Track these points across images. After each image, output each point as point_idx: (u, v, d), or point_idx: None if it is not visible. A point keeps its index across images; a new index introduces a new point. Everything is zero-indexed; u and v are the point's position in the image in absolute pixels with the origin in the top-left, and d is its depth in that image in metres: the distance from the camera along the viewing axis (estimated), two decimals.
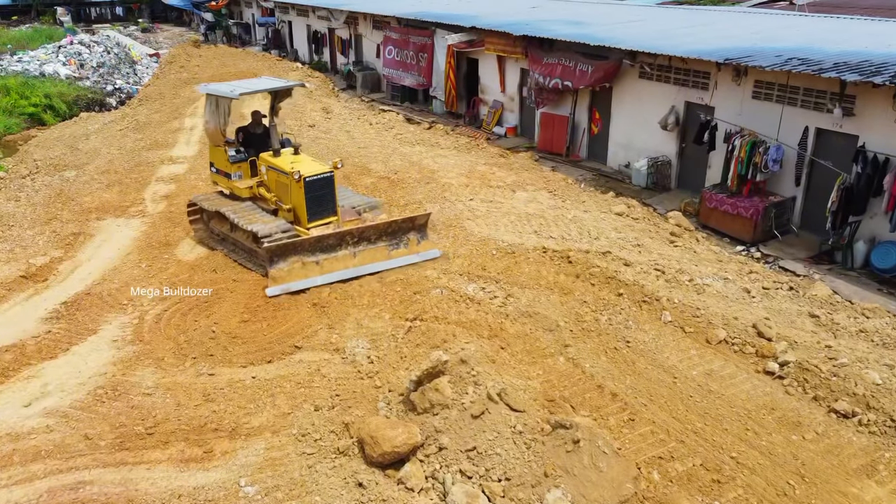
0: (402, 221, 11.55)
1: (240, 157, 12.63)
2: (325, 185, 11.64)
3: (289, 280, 10.83)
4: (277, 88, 12.97)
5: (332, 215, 11.85)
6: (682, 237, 13.25)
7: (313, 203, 11.54)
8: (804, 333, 9.57)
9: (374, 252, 11.43)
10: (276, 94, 13.16)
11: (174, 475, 7.11)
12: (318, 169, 11.67)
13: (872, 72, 11.51)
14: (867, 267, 11.99)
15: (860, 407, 7.75)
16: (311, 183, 11.42)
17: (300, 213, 11.60)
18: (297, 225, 11.66)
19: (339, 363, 9.08)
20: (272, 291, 10.74)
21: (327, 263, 11.06)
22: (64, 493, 6.76)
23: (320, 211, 11.68)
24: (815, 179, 13.14)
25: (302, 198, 11.42)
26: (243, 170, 12.61)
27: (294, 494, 6.71)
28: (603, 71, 16.75)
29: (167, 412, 8.04)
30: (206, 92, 12.70)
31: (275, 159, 12.00)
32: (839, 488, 6.73)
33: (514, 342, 9.16)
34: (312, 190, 11.45)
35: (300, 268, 10.93)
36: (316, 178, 11.47)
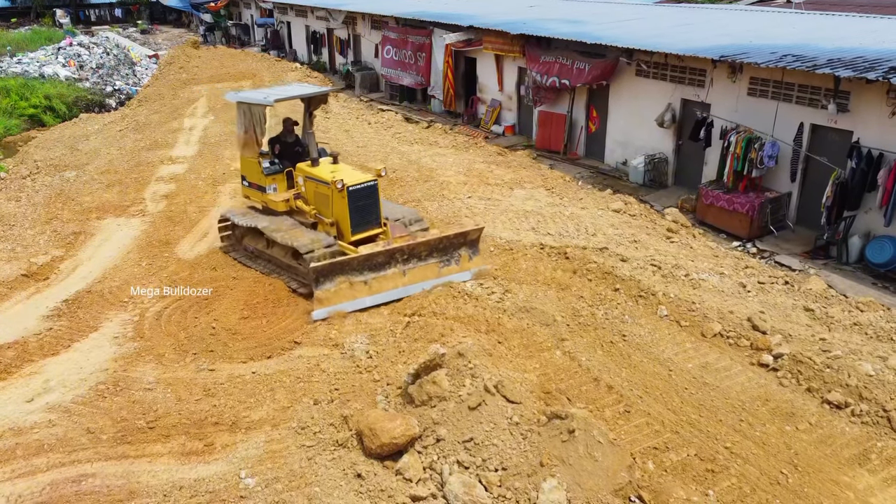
0: (454, 237, 10.84)
1: (275, 168, 12.01)
2: (368, 195, 11.04)
3: (336, 302, 10.04)
4: (312, 94, 12.30)
5: (376, 226, 11.26)
6: (678, 233, 13.34)
7: (357, 214, 10.94)
8: (799, 327, 9.67)
9: (424, 270, 10.67)
10: (310, 101, 12.44)
11: (175, 468, 7.20)
12: (361, 177, 11.09)
13: (866, 68, 11.59)
14: (862, 261, 12.06)
15: (853, 398, 7.84)
16: (355, 192, 10.83)
17: (343, 225, 10.99)
18: (340, 239, 11.04)
19: (339, 358, 9.16)
20: (319, 314, 9.96)
21: (376, 283, 10.30)
22: (66, 485, 6.85)
23: (364, 222, 11.10)
24: (810, 175, 13.23)
25: (345, 209, 10.83)
26: (278, 182, 12.01)
27: (294, 486, 6.80)
28: (600, 69, 16.84)
29: (168, 407, 8.14)
30: (236, 100, 12.04)
31: (313, 169, 11.43)
32: (831, 477, 6.82)
33: (511, 336, 9.25)
34: (356, 200, 10.86)
35: (348, 288, 10.16)
36: (359, 187, 10.89)
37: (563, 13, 21.83)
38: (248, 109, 11.77)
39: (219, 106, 24.92)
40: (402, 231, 11.25)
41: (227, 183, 16.98)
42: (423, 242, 10.62)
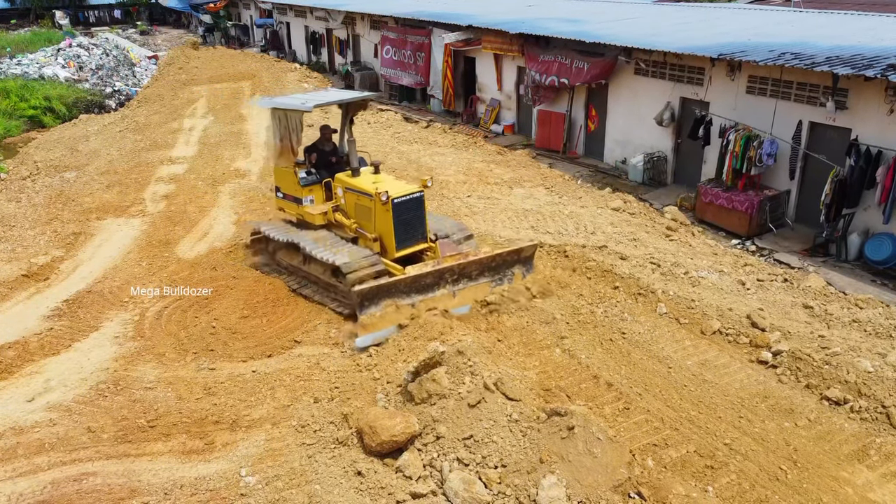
0: (507, 254, 10.12)
1: (312, 179, 11.27)
2: (414, 208, 10.29)
3: (381, 327, 9.21)
4: (352, 100, 11.52)
5: (421, 241, 10.54)
6: (677, 231, 13.36)
7: (402, 228, 10.20)
8: (798, 324, 9.69)
9: (475, 290, 9.95)
10: (349, 107, 11.68)
11: (176, 466, 7.21)
12: (406, 189, 10.31)
13: (864, 65, 11.62)
14: (861, 259, 12.10)
15: (852, 394, 7.86)
16: (400, 205, 10.06)
17: (387, 241, 10.25)
18: (383, 255, 10.28)
19: (339, 357, 9.19)
20: (363, 342, 9.09)
21: (424, 306, 9.51)
22: (67, 484, 6.87)
23: (409, 237, 10.36)
24: (809, 173, 13.25)
25: (389, 222, 10.08)
26: (315, 193, 11.29)
27: (294, 483, 6.82)
28: (599, 68, 16.86)
29: (168, 405, 8.15)
30: (271, 106, 11.24)
31: (354, 180, 10.68)
32: (831, 473, 6.84)
33: (510, 335, 9.27)
34: (401, 213, 10.10)
35: (394, 312, 9.35)
36: (404, 200, 10.13)
37: (562, 12, 21.86)
38: (284, 116, 10.97)
39: (218, 107, 24.97)
40: (452, 249, 10.23)
41: (227, 183, 17.00)
42: (475, 261, 9.81)
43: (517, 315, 9.75)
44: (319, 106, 10.92)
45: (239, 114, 23.95)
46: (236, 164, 18.62)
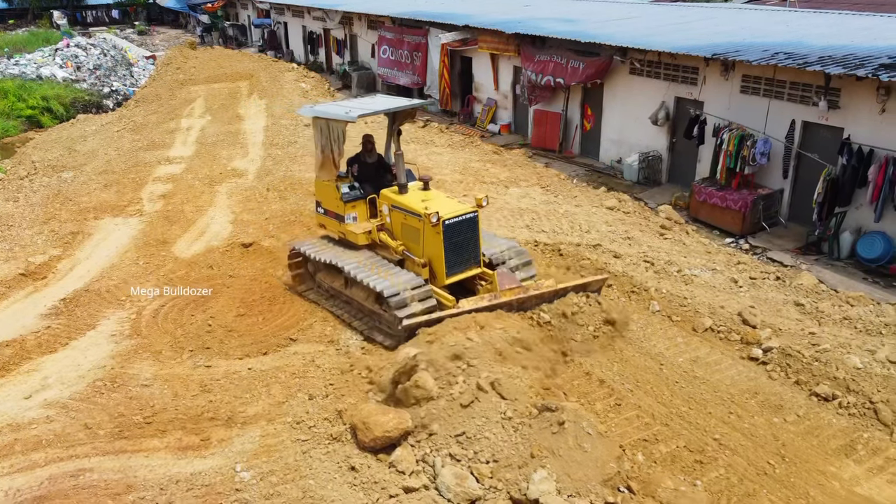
0: (573, 288, 9.25)
1: (355, 194, 10.36)
2: (467, 229, 9.38)
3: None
4: (398, 109, 10.54)
5: (474, 266, 9.61)
6: (672, 230, 13.45)
7: (453, 252, 9.29)
8: (789, 321, 9.78)
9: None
10: (396, 116, 10.81)
11: (172, 462, 7.29)
12: (459, 209, 9.37)
13: (856, 65, 11.71)
14: (853, 257, 12.18)
15: (840, 390, 7.95)
16: (451, 227, 9.17)
17: (437, 265, 9.34)
18: (432, 281, 9.42)
19: (334, 354, 9.27)
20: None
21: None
22: (64, 479, 6.94)
23: (461, 262, 9.46)
24: (802, 172, 13.34)
25: (440, 246, 9.16)
26: (359, 210, 10.38)
27: (288, 478, 6.90)
28: (594, 67, 16.95)
29: (165, 402, 8.23)
30: (312, 115, 10.43)
31: (401, 197, 9.77)
32: (818, 467, 6.92)
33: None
34: (452, 235, 9.20)
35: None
36: (457, 221, 9.23)
37: (558, 12, 21.93)
38: (326, 126, 10.08)
39: (216, 106, 25.03)
40: (512, 282, 9.24)
41: (224, 182, 17.07)
42: (536, 296, 8.95)
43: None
44: (364, 116, 10.01)
45: (236, 113, 24.02)
46: (234, 163, 18.68)
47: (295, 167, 17.84)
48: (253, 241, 13.07)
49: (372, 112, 10.29)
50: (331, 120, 10.02)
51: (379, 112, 10.48)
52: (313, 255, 10.39)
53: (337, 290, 10.30)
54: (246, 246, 12.89)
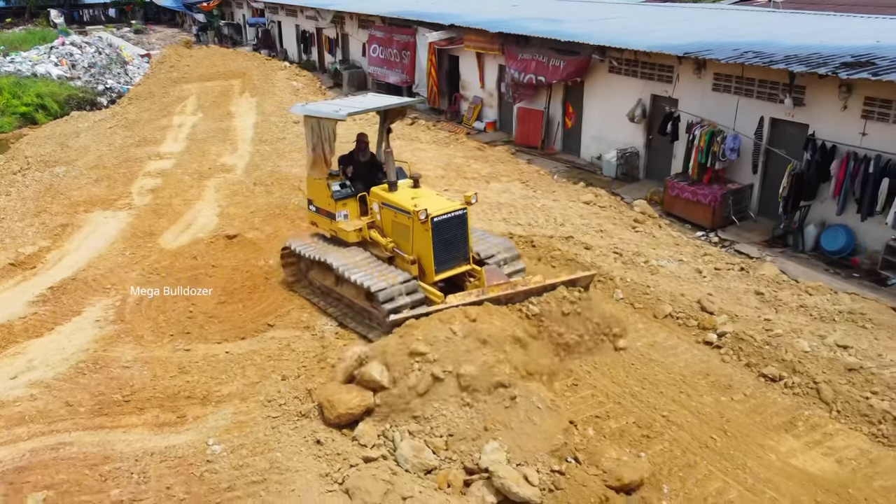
0: (561, 283, 9.19)
1: (346, 192, 10.49)
2: (456, 227, 9.44)
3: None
4: (388, 107, 10.72)
5: (463, 263, 9.68)
6: (644, 223, 13.83)
7: (442, 249, 9.36)
8: (748, 309, 10.17)
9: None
10: (387, 114, 10.97)
11: (148, 437, 7.68)
12: (448, 206, 9.47)
13: (819, 63, 12.11)
14: (818, 249, 12.57)
15: (787, 371, 8.36)
16: (440, 224, 9.23)
17: (426, 262, 9.44)
18: (421, 278, 9.50)
19: (309, 339, 9.66)
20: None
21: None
22: (45, 452, 7.33)
23: (450, 259, 9.52)
24: (771, 167, 13.72)
25: (428, 243, 9.26)
26: (350, 208, 10.52)
27: (258, 451, 7.29)
28: (574, 66, 17.34)
29: (144, 382, 8.63)
30: (304, 114, 10.54)
31: (391, 195, 9.87)
32: (758, 441, 7.33)
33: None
34: (441, 233, 9.27)
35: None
36: (446, 218, 9.30)
37: (543, 12, 22.32)
38: (317, 124, 10.19)
39: (208, 104, 25.42)
40: (500, 278, 9.39)
41: (213, 177, 17.45)
42: (523, 292, 8.94)
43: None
44: (354, 114, 10.19)
45: (228, 111, 24.42)
46: (223, 159, 19.06)
47: (282, 163, 18.22)
48: (237, 233, 13.44)
49: (362, 110, 10.49)
50: (321, 118, 10.12)
51: (369, 110, 10.70)
52: (305, 252, 10.47)
53: (329, 287, 10.36)
54: (230, 238, 13.27)
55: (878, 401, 7.71)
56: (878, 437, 7.37)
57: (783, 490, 6.66)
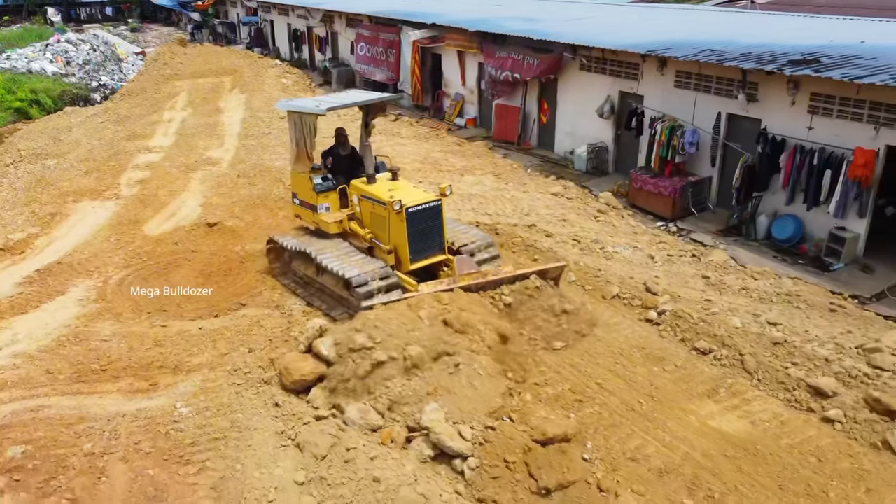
0: (530, 274, 9.57)
1: (327, 185, 10.81)
2: (431, 217, 9.81)
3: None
4: (369, 101, 11.14)
5: (438, 253, 10.03)
6: (607, 214, 14.48)
7: (417, 239, 9.70)
8: (693, 291, 10.81)
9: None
10: (368, 110, 11.33)
11: (122, 402, 8.31)
12: (423, 197, 9.87)
13: (769, 61, 12.76)
14: (769, 238, 13.22)
15: (717, 345, 8.99)
16: (415, 214, 9.60)
17: (401, 252, 9.79)
18: (398, 267, 9.85)
19: (278, 317, 10.29)
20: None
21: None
22: (25, 413, 7.96)
23: (425, 248, 9.86)
24: (728, 160, 14.36)
25: (403, 233, 9.60)
26: (331, 200, 10.84)
27: (221, 412, 7.93)
28: (547, 63, 17.99)
29: (121, 354, 9.26)
30: (287, 109, 11.11)
31: (369, 187, 10.25)
32: (681, 406, 7.97)
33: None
34: (416, 223, 9.62)
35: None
36: (420, 209, 9.66)
37: (523, 12, 22.95)
38: (300, 119, 10.67)
39: (198, 100, 26.02)
40: (470, 267, 9.69)
41: (199, 170, 18.04)
42: (493, 281, 9.29)
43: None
44: (333, 109, 10.55)
45: (217, 106, 25.04)
46: (209, 152, 19.67)
47: (266, 156, 18.83)
48: (218, 221, 14.05)
49: (341, 105, 10.94)
50: (303, 113, 10.59)
51: (348, 105, 11.14)
52: (287, 244, 10.87)
53: (310, 277, 10.68)
54: (211, 225, 13.88)
55: (796, 370, 8.35)
56: (792, 403, 8.01)
57: (696, 446, 7.31)
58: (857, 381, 8.12)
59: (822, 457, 7.19)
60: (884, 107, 11.40)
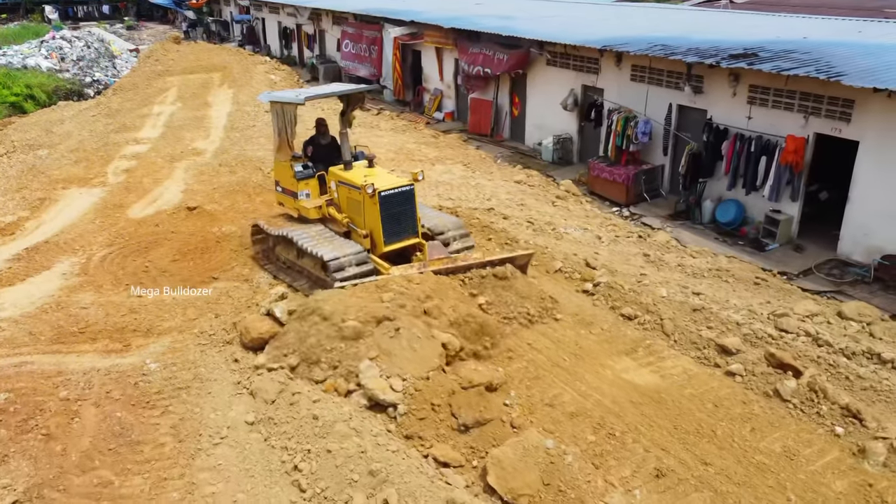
0: (499, 261, 10.07)
1: (307, 172, 11.23)
2: (404, 201, 10.23)
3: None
4: (347, 92, 11.56)
5: (412, 236, 10.47)
6: (565, 200, 15.36)
7: (390, 222, 10.14)
8: (631, 267, 11.68)
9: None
10: (348, 100, 11.65)
11: (98, 360, 9.15)
12: (395, 182, 10.31)
13: (711, 54, 13.63)
14: (714, 222, 14.09)
15: (641, 311, 9.84)
16: (387, 198, 10.01)
17: (376, 235, 10.23)
18: (373, 251, 10.30)
19: (246, 289, 11.11)
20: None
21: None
22: (9, 368, 8.81)
23: (398, 231, 10.29)
24: (679, 149, 15.21)
25: (377, 216, 10.04)
26: (311, 187, 11.28)
27: (185, 368, 8.78)
28: (515, 59, 18.86)
29: (98, 319, 10.11)
30: (269, 100, 11.53)
31: (346, 173, 10.70)
32: (600, 362, 8.82)
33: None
34: (389, 206, 10.04)
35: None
36: (393, 193, 10.07)
37: (499, 10, 23.82)
38: (281, 109, 11.19)
39: (187, 95, 26.86)
40: (441, 252, 10.23)
41: (183, 160, 18.88)
42: (462, 266, 9.84)
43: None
44: (311, 98, 11.10)
45: (205, 101, 25.89)
46: (195, 144, 20.51)
47: (248, 147, 19.68)
48: (198, 205, 14.91)
49: (319, 95, 11.69)
50: (284, 104, 11.12)
51: (326, 95, 11.92)
52: (269, 229, 11.40)
53: (291, 261, 11.14)
54: (191, 209, 14.72)
55: (708, 332, 9.21)
56: (701, 360, 8.87)
57: (607, 394, 8.16)
58: (762, 342, 8.99)
59: (718, 403, 8.05)
60: (812, 97, 12.27)
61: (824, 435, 7.56)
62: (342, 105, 11.88)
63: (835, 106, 11.96)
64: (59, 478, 6.94)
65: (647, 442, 7.41)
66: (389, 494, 6.28)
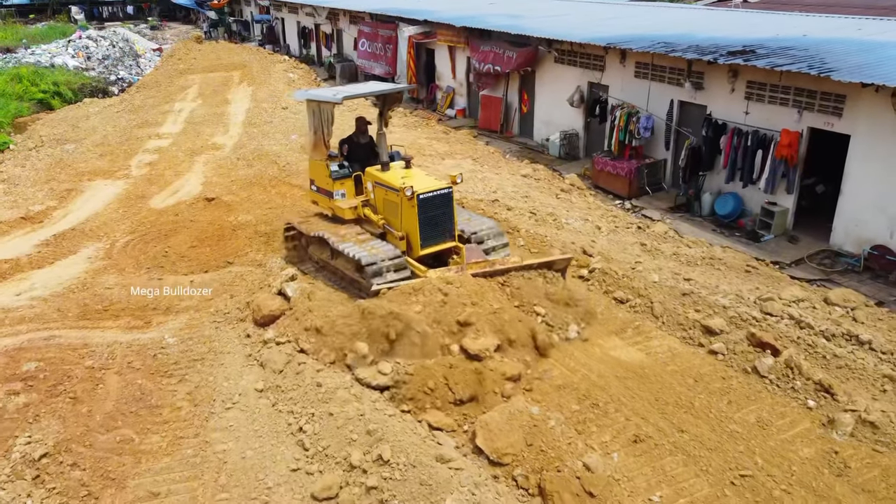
0: (537, 266, 9.92)
1: (343, 172, 11.13)
2: (442, 204, 10.07)
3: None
4: (385, 92, 11.45)
5: (448, 240, 10.32)
6: (570, 193, 15.83)
7: (427, 225, 9.99)
8: (627, 255, 12.13)
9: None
10: (385, 100, 11.59)
11: (120, 335, 9.84)
12: (434, 184, 10.11)
13: (711, 51, 14.04)
14: (713, 214, 14.49)
15: (633, 295, 10.33)
16: (426, 201, 9.86)
17: (412, 238, 10.09)
18: (409, 253, 10.18)
19: (259, 273, 11.76)
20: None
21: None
22: (39, 340, 9.51)
23: (435, 235, 10.14)
24: (681, 144, 15.59)
25: (414, 219, 9.89)
26: (347, 187, 11.18)
27: (201, 342, 9.43)
28: (523, 57, 19.35)
29: (121, 298, 10.80)
30: (305, 98, 11.41)
31: (382, 174, 10.55)
32: (591, 341, 9.31)
33: None
34: (427, 209, 9.90)
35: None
36: (431, 196, 9.93)
37: (511, 9, 24.31)
38: (318, 108, 11.04)
39: (208, 92, 27.70)
40: (478, 256, 10.01)
41: (203, 154, 19.64)
42: (500, 270, 9.72)
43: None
44: (349, 98, 11.01)
45: (225, 98, 26.69)
46: (214, 139, 21.27)
47: (266, 142, 20.38)
48: (216, 196, 15.61)
49: (357, 94, 11.66)
50: (321, 102, 10.96)
51: (363, 94, 11.86)
52: (303, 229, 11.33)
53: (325, 261, 11.03)
54: (209, 200, 15.43)
55: (695, 314, 9.67)
56: (686, 340, 9.34)
57: (594, 369, 8.66)
58: (746, 324, 9.42)
59: (699, 379, 8.52)
60: (805, 93, 12.66)
61: (797, 408, 8.00)
62: (379, 104, 11.77)
63: (827, 101, 12.34)
64: (86, 435, 7.59)
65: (629, 412, 7.91)
66: (384, 450, 6.85)
